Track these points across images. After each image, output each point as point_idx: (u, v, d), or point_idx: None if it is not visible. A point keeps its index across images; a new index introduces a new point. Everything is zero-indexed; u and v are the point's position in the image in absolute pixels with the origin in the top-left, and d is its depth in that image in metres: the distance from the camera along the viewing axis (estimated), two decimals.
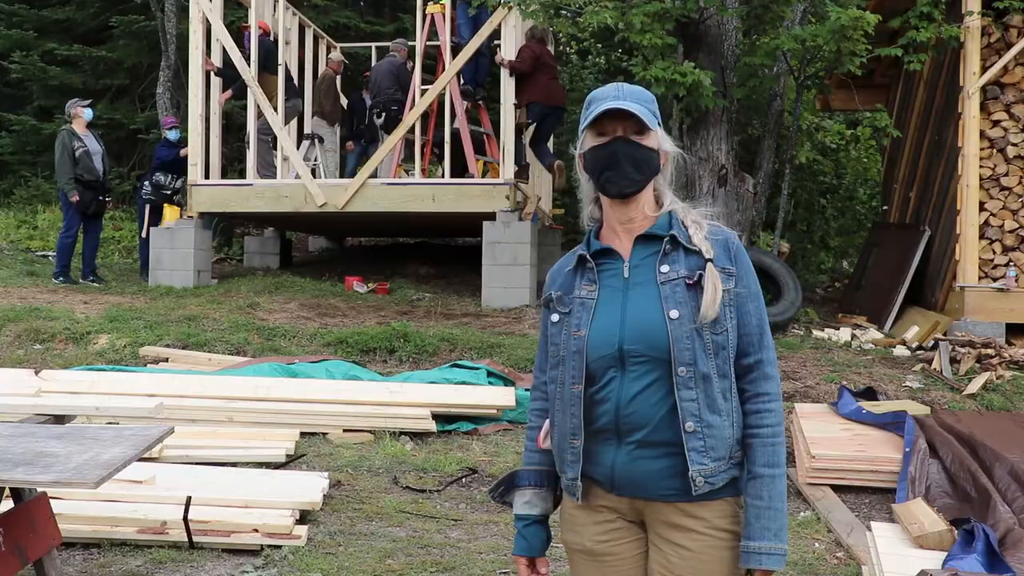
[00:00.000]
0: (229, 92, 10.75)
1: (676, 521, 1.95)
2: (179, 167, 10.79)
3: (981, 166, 8.29)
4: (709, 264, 1.94)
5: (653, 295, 1.95)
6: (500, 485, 2.19)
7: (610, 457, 1.95)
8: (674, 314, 1.91)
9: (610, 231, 2.06)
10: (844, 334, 8.44)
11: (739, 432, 1.96)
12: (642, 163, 1.97)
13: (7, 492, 3.45)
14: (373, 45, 13.24)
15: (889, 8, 8.77)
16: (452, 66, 9.98)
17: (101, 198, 10.46)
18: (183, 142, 10.82)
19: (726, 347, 1.93)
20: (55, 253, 10.84)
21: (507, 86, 9.80)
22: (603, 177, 1.99)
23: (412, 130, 10.31)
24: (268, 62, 10.59)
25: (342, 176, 11.32)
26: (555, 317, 2.04)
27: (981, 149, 8.30)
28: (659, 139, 2.01)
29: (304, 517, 4.49)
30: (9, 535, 3.24)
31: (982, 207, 8.30)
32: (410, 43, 11.26)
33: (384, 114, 10.76)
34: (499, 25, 9.74)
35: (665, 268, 1.96)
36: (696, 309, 1.91)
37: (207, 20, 10.53)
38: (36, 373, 6.36)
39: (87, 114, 10.34)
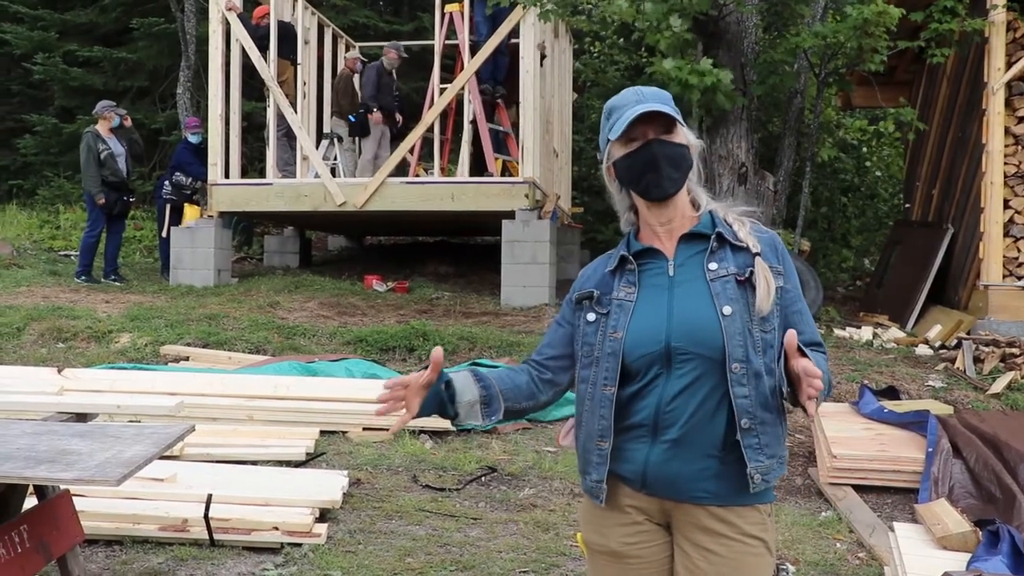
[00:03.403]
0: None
1: (706, 525, 1.92)
2: (197, 170, 10.85)
3: (1006, 163, 8.20)
4: (758, 258, 1.93)
5: (703, 292, 1.92)
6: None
7: (643, 455, 1.93)
8: (727, 310, 1.89)
9: (650, 234, 2.03)
10: (866, 333, 8.36)
11: (785, 432, 1.97)
12: (679, 160, 1.97)
13: (31, 489, 3.49)
14: None
15: (911, 3, 8.68)
16: (470, 65, 9.98)
17: (125, 198, 10.56)
18: (204, 144, 10.88)
19: (773, 345, 1.91)
20: (78, 252, 10.94)
21: (527, 84, 9.78)
22: (644, 181, 1.96)
23: (431, 129, 10.32)
24: (282, 47, 10.66)
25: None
26: (591, 316, 2.01)
27: (1006, 146, 8.21)
28: (685, 134, 2.00)
29: (324, 515, 4.50)
30: (33, 532, 3.27)
31: (1007, 204, 8.21)
32: (429, 42, 11.26)
33: (355, 118, 10.93)
34: (518, 23, 9.73)
35: (714, 265, 1.94)
36: (747, 305, 1.90)
37: (227, 20, 10.58)
38: (59, 371, 6.41)
39: (115, 122, 10.43)
